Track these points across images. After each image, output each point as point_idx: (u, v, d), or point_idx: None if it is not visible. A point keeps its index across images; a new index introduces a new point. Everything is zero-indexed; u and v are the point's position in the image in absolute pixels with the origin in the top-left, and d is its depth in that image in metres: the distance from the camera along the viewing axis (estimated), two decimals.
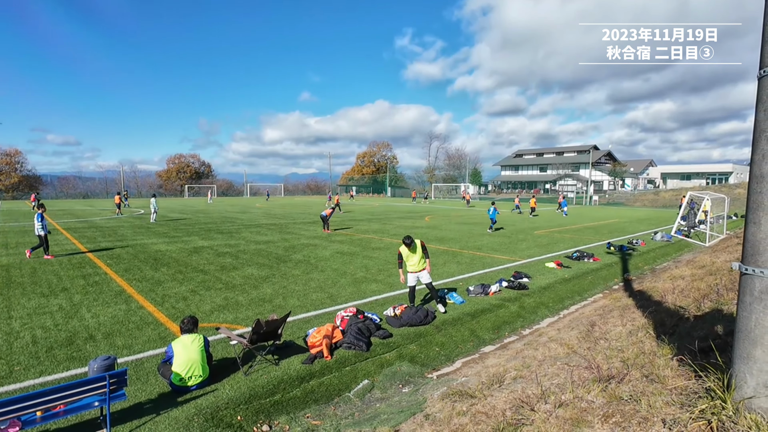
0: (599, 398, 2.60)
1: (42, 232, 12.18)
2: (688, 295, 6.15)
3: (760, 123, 2.18)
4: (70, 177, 73.06)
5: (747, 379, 2.18)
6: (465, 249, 14.74)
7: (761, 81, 2.16)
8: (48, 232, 12.56)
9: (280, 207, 40.35)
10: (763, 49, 2.13)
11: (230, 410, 4.44)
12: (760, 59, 2.16)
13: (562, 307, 8.55)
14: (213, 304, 8.00)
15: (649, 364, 3.05)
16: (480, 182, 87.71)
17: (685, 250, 15.72)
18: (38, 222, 12.24)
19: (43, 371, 5.17)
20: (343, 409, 4.71)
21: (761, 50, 2.14)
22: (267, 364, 5.46)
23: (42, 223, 12.25)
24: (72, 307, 7.69)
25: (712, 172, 73.26)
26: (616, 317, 5.82)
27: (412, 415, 4.04)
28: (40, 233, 12.18)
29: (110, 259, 12.18)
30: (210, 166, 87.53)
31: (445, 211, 35.81)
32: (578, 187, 69.46)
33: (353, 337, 6.10)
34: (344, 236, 17.94)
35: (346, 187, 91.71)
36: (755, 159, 2.21)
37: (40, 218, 12.30)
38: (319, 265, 11.68)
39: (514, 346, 6.36)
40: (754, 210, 2.20)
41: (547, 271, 11.34)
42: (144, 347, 5.95)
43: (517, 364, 4.62)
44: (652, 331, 4.39)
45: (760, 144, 2.17)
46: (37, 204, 23.74)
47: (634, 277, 11.03)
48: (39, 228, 12.18)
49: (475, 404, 3.30)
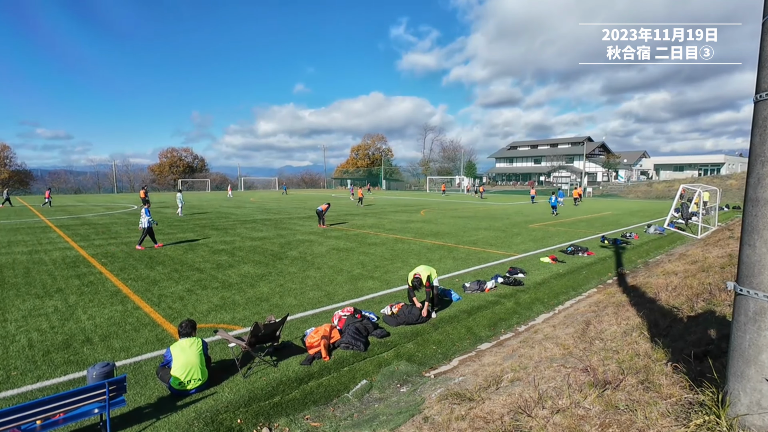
0: (596, 405, 2.65)
1: (147, 225, 13.49)
2: (681, 294, 6.24)
3: (755, 147, 2.21)
4: (60, 172, 71.92)
5: (741, 397, 2.24)
6: (461, 244, 14.81)
7: (757, 105, 2.18)
8: (155, 223, 14.22)
9: (287, 201, 40.20)
10: (759, 74, 2.15)
11: (230, 413, 4.46)
12: (756, 84, 2.18)
13: (557, 302, 8.64)
14: (210, 303, 8.00)
15: (644, 369, 3.11)
16: (474, 174, 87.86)
17: (677, 242, 15.91)
18: (146, 216, 13.56)
19: (40, 376, 5.16)
20: (342, 410, 4.75)
21: (757, 75, 2.15)
22: (265, 365, 5.48)
23: (149, 217, 13.58)
24: (68, 308, 7.65)
25: (704, 163, 73.89)
26: (611, 315, 5.90)
27: (410, 416, 4.09)
28: (144, 226, 13.47)
29: (105, 258, 12.10)
30: (204, 160, 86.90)
31: (442, 204, 35.87)
32: (572, 179, 69.81)
33: (351, 337, 6.13)
34: (340, 231, 17.94)
35: (341, 180, 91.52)
36: (750, 182, 2.24)
37: (147, 213, 13.68)
38: (315, 261, 11.69)
39: (510, 344, 6.43)
40: (749, 232, 2.24)
41: (542, 266, 11.43)
42: (141, 350, 5.95)
43: (513, 364, 4.67)
44: (646, 332, 4.46)
45: (756, 168, 2.20)
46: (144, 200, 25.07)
47: (628, 271, 11.16)
48: (146, 221, 13.47)
49: (473, 408, 3.35)
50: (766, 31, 2.12)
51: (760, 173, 2.17)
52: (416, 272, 7.34)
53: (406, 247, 14.13)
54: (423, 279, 7.21)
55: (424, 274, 7.31)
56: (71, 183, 68.50)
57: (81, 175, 73.39)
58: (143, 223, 13.49)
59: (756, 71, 2.12)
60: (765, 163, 2.14)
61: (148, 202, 14.36)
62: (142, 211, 13.83)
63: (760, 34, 2.11)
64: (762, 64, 2.14)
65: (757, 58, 2.12)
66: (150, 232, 13.65)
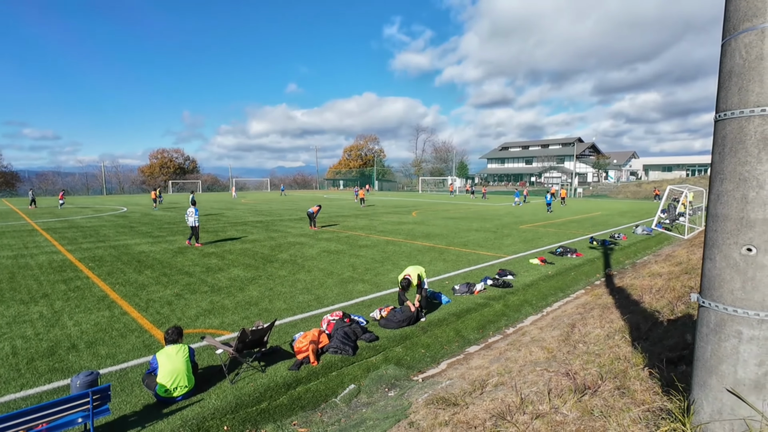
0: (573, 411, 2.71)
1: (196, 223, 14.87)
2: (664, 296, 6.35)
3: (715, 165, 2.28)
4: (48, 173, 70.84)
5: (704, 405, 2.30)
6: (451, 245, 14.88)
7: (717, 124, 2.25)
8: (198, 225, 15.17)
9: (279, 203, 40.02)
10: (719, 94, 2.22)
11: (216, 420, 4.46)
12: (716, 103, 2.25)
13: (545, 304, 8.74)
14: (199, 308, 7.96)
15: (621, 374, 3.19)
16: (466, 175, 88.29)
17: (665, 243, 16.14)
18: (196, 215, 14.87)
19: (24, 384, 5.10)
20: (330, 415, 4.77)
21: (717, 95, 2.23)
22: (253, 371, 5.48)
23: (197, 215, 14.90)
24: (53, 314, 7.57)
25: (692, 164, 75.01)
26: (596, 318, 5.99)
27: (396, 422, 4.12)
28: (194, 224, 14.81)
29: (92, 262, 11.97)
30: (195, 161, 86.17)
31: (433, 205, 35.99)
32: (563, 179, 70.46)
33: (339, 342, 6.15)
34: (331, 233, 17.93)
35: (333, 181, 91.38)
36: (711, 198, 2.31)
37: (197, 212, 14.95)
38: (305, 264, 11.68)
39: (497, 346, 6.50)
40: (710, 247, 2.31)
41: (531, 267, 11.54)
42: (128, 356, 5.90)
43: (499, 368, 4.73)
44: (627, 335, 4.55)
45: (716, 185, 2.27)
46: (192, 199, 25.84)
47: (616, 273, 11.31)
48: (195, 220, 14.80)
49: (457, 413, 3.39)
50: (724, 53, 2.19)
51: (719, 190, 2.24)
52: (406, 273, 7.40)
53: (397, 249, 14.17)
54: (413, 280, 7.27)
55: (414, 274, 7.37)
56: (59, 184, 67.39)
57: (69, 176, 72.35)
58: (192, 222, 14.75)
59: (716, 91, 2.20)
60: (724, 180, 2.21)
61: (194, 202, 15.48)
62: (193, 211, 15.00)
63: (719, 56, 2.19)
64: (721, 84, 2.22)
65: (717, 78, 2.20)
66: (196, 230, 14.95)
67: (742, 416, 2.13)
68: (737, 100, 2.11)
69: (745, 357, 2.12)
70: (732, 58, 2.17)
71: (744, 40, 2.09)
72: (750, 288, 2.10)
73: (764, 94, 1.97)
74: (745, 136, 2.07)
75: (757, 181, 2.06)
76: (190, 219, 14.89)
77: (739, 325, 2.14)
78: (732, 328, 2.17)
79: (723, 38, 2.21)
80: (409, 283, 7.21)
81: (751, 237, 2.08)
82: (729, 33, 2.20)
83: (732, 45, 2.17)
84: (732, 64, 2.18)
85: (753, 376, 2.13)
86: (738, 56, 2.12)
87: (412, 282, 7.25)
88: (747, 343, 2.10)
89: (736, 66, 2.16)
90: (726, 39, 2.22)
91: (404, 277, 7.32)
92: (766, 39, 1.96)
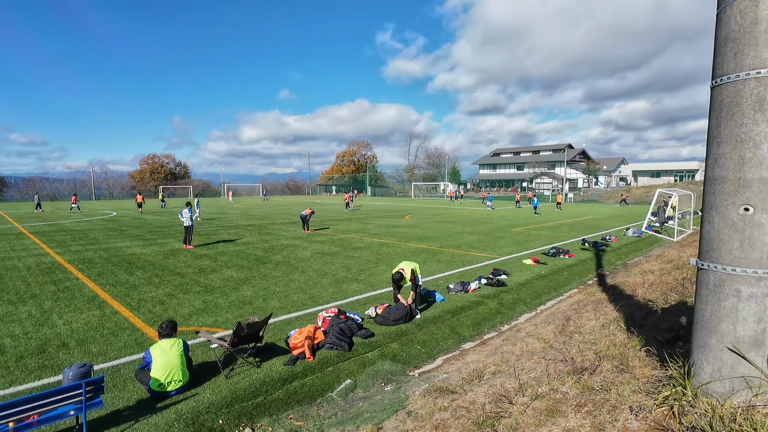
0: (573, 389, 2.73)
1: (190, 222, 14.67)
2: (657, 289, 6.43)
3: (712, 129, 2.34)
4: (36, 179, 69.59)
5: (704, 366, 2.34)
6: (445, 247, 14.92)
7: (714, 90, 2.32)
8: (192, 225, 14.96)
9: (271, 207, 39.80)
10: (715, 61, 2.29)
11: (211, 414, 4.40)
12: (712, 70, 2.32)
13: (539, 302, 8.78)
14: (192, 307, 7.87)
15: (619, 355, 3.22)
16: (459, 181, 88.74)
17: (655, 245, 16.35)
18: (190, 214, 14.66)
19: (13, 381, 4.99)
20: (326, 409, 4.73)
21: (713, 62, 2.30)
22: (248, 366, 5.42)
23: (190, 214, 14.73)
24: (42, 314, 7.42)
25: (680, 170, 76.26)
26: (590, 311, 6.04)
27: (394, 412, 4.10)
28: (189, 224, 14.61)
29: (82, 264, 11.79)
30: (186, 167, 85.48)
31: (427, 210, 36.08)
32: (554, 185, 71.15)
33: (335, 338, 6.11)
34: (324, 236, 17.87)
35: (325, 186, 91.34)
36: (708, 162, 2.37)
37: (190, 211, 14.79)
38: (299, 265, 11.62)
39: (493, 342, 6.51)
40: (708, 209, 2.37)
41: (525, 267, 11.61)
42: (120, 353, 5.81)
43: (496, 360, 4.74)
44: (623, 324, 4.59)
45: (713, 148, 2.34)
46: (196, 201, 26.24)
47: (608, 272, 11.42)
48: (188, 219, 14.60)
49: (455, 399, 3.39)
50: (720, 21, 2.27)
51: (717, 153, 2.30)
52: (399, 268, 7.42)
53: (390, 250, 14.16)
54: (407, 274, 7.27)
55: (408, 268, 7.38)
56: (47, 190, 66.28)
57: (57, 181, 71.19)
58: (187, 221, 14.61)
59: (712, 58, 2.27)
60: (721, 143, 2.27)
61: (189, 204, 15.39)
62: (185, 210, 14.83)
63: (715, 24, 2.27)
64: (717, 51, 2.29)
65: (713, 46, 2.27)
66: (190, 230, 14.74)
67: (742, 374, 2.17)
68: (733, 65, 2.18)
69: (744, 315, 2.16)
70: (727, 24, 2.24)
71: (739, 7, 2.15)
72: (748, 247, 2.16)
73: (759, 57, 2.04)
74: (741, 98, 2.13)
75: (753, 141, 2.13)
76: (184, 219, 14.73)
77: (738, 283, 2.19)
78: (731, 287, 2.22)
79: (718, 7, 2.28)
80: (401, 277, 7.22)
81: (748, 197, 2.14)
82: (725, 1, 2.26)
83: (727, 12, 2.24)
84: (728, 30, 2.25)
85: (752, 333, 2.18)
86: (733, 22, 2.18)
87: (405, 276, 7.26)
88: (746, 301, 2.15)
89: (731, 32, 2.22)
90: (721, 7, 2.28)
91: (397, 270, 7.33)
92: (760, 4, 2.03)
